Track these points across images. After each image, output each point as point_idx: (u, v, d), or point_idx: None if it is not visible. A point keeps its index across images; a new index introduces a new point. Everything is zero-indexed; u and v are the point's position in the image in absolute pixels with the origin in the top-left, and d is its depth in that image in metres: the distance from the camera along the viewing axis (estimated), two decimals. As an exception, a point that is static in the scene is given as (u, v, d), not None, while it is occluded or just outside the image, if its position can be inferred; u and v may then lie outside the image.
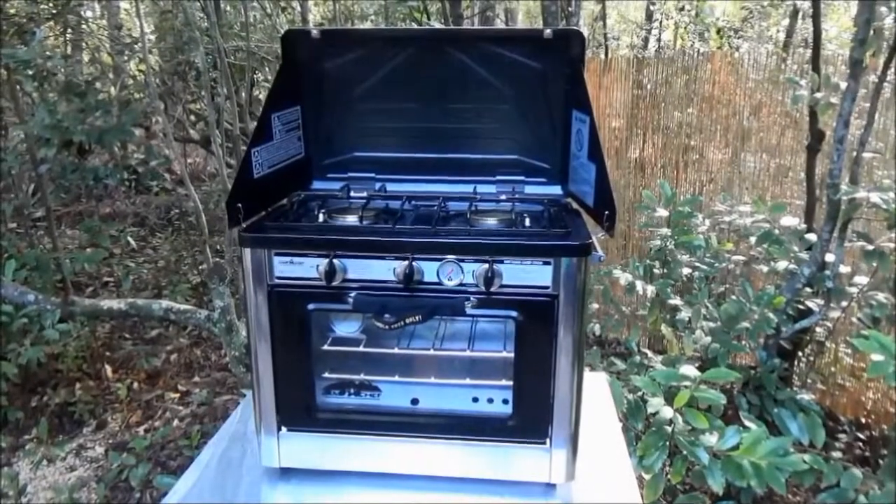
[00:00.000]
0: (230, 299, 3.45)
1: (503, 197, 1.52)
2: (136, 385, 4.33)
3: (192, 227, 6.22)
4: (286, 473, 1.37)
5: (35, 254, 4.07)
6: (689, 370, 1.79)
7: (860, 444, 3.56)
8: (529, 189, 1.56)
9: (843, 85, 2.78)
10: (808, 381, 3.65)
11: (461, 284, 1.22)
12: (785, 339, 3.10)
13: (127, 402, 4.15)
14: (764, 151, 4.31)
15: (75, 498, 3.21)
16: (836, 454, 2.76)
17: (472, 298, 1.22)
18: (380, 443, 1.32)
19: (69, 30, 5.60)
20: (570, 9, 6.31)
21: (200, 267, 5.73)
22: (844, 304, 3.00)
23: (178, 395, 4.28)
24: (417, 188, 1.56)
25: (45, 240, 4.82)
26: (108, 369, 4.41)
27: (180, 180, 5.67)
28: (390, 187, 1.59)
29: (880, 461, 3.21)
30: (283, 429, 1.33)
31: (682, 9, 9.29)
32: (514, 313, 1.23)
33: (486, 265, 1.19)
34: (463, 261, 1.21)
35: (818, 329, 3.48)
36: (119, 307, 3.77)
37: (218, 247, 5.20)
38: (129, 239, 5.22)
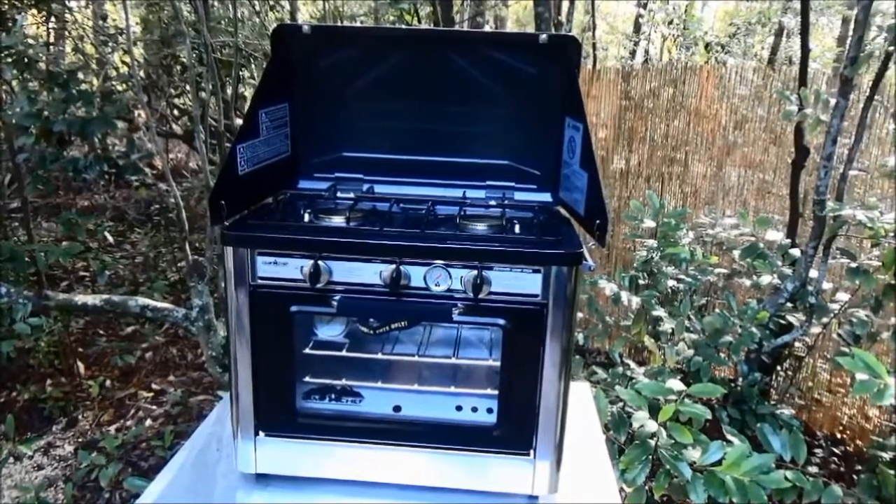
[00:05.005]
0: (209, 298, 3.40)
1: (493, 202, 1.50)
2: (108, 383, 4.24)
3: (172, 223, 6.13)
4: (262, 479, 1.34)
5: (9, 245, 3.97)
6: (675, 384, 1.78)
7: (835, 459, 3.59)
8: (519, 195, 1.54)
9: (832, 102, 2.80)
10: (787, 395, 3.67)
11: (449, 290, 1.19)
12: (765, 354, 3.11)
13: (99, 399, 4.06)
14: (747, 166, 4.34)
15: (42, 497, 3.13)
16: (813, 469, 2.77)
17: (459, 305, 1.20)
18: (360, 450, 1.29)
19: (53, 18, 5.50)
20: (559, 17, 6.33)
21: (179, 264, 5.65)
22: (826, 320, 3.01)
23: (151, 394, 4.20)
24: (406, 191, 1.54)
25: (21, 231, 4.72)
26: (81, 366, 4.32)
27: (162, 175, 5.58)
28: (378, 189, 1.56)
29: (855, 477, 3.24)
30: (261, 433, 1.29)
31: (670, 22, 9.38)
32: (501, 321, 1.21)
33: (475, 271, 1.17)
34: (451, 266, 1.19)
35: (797, 344, 3.50)
36: (94, 303, 3.69)
37: (198, 244, 5.13)
38: (107, 233, 5.12)
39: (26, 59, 3.68)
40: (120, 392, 4.17)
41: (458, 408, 1.36)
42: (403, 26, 5.95)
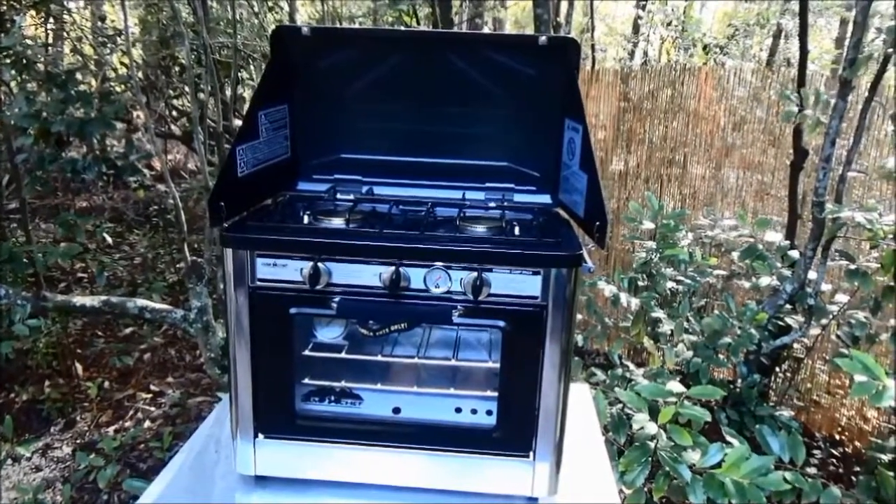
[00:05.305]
0: (208, 299, 3.39)
1: (492, 204, 1.50)
2: (107, 384, 4.23)
3: (171, 224, 6.13)
4: (261, 481, 1.34)
5: (8, 247, 3.97)
6: (675, 386, 1.78)
7: (834, 460, 3.59)
8: (518, 197, 1.54)
9: (831, 103, 2.80)
10: (786, 397, 3.67)
11: (448, 292, 1.19)
12: (764, 355, 3.11)
13: (97, 401, 4.05)
14: (746, 168, 4.34)
15: (40, 499, 3.12)
16: (811, 470, 2.78)
17: (459, 307, 1.20)
18: (359, 452, 1.29)
19: (51, 19, 5.49)
20: (558, 19, 6.34)
21: (178, 265, 5.64)
22: (825, 322, 3.02)
23: (150, 395, 4.19)
24: (405, 192, 1.53)
25: (19, 232, 4.72)
26: (79, 367, 4.31)
27: (160, 176, 5.58)
28: (378, 191, 1.56)
29: (854, 478, 3.24)
30: (260, 435, 1.29)
31: (669, 24, 9.39)
32: (501, 323, 1.21)
33: (475, 273, 1.17)
34: (451, 268, 1.18)
35: (796, 346, 3.50)
36: (93, 304, 3.68)
37: (196, 245, 5.13)
38: (105, 235, 5.11)
39: (25, 60, 3.68)
40: (118, 393, 4.16)
41: (458, 410, 1.36)
42: (402, 28, 5.95)
